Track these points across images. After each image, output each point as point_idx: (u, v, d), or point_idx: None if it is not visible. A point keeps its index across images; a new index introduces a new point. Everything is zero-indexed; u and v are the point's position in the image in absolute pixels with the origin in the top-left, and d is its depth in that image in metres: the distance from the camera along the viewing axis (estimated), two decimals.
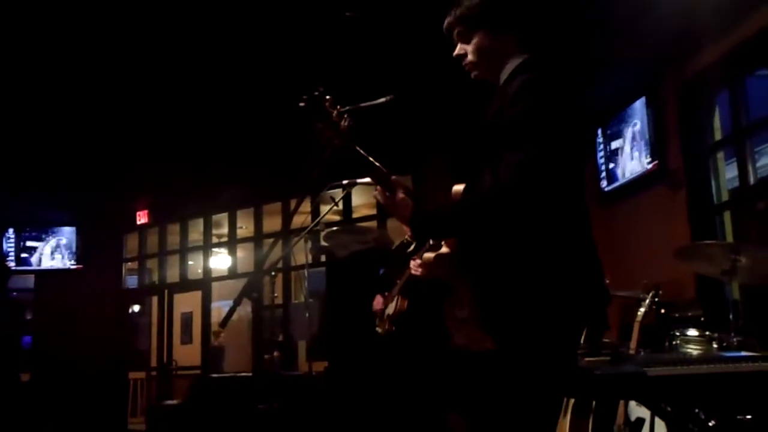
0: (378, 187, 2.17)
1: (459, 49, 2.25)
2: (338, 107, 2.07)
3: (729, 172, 5.33)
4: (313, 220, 7.10)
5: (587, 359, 1.95)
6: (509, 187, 1.87)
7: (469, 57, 2.22)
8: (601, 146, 6.31)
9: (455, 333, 2.19)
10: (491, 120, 2.08)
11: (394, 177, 2.17)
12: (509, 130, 1.95)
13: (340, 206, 8.39)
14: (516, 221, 1.93)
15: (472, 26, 2.19)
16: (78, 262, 10.91)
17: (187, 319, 11.20)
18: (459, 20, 2.22)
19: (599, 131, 6.31)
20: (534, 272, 1.95)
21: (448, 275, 2.27)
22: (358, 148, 2.09)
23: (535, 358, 1.93)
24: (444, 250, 2.31)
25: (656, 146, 5.54)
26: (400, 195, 2.12)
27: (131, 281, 11.79)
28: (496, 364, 1.97)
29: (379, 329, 4.32)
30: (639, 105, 5.76)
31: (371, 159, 2.11)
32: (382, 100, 2.30)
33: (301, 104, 2.03)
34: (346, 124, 2.07)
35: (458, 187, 2.24)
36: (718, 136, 5.33)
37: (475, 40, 2.20)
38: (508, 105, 2.01)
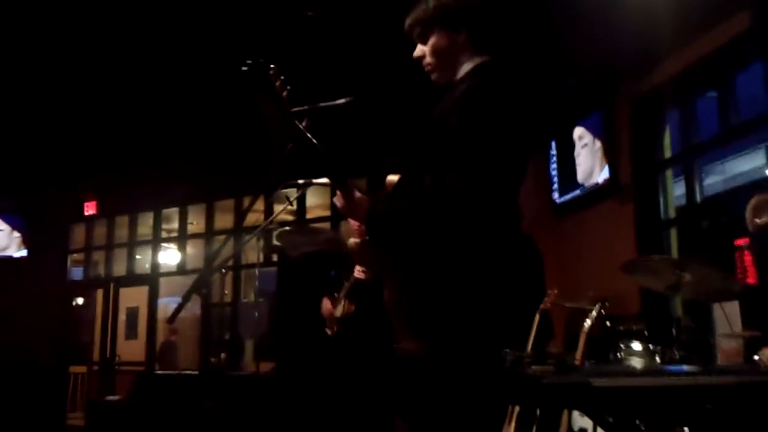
0: (337, 191, 2.12)
1: (418, 50, 2.26)
2: (282, 78, 1.99)
3: (677, 190, 5.44)
4: (266, 218, 7.03)
5: (533, 368, 1.97)
6: (459, 191, 1.90)
7: (427, 58, 2.23)
8: (554, 158, 6.36)
9: (401, 335, 2.17)
10: (436, 117, 2.10)
11: (349, 179, 2.14)
12: (453, 136, 1.97)
13: (295, 206, 8.34)
14: (461, 224, 1.95)
15: (428, 27, 2.21)
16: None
17: (132, 313, 10.99)
18: (417, 22, 2.23)
19: (553, 143, 6.37)
20: (467, 274, 1.96)
21: (379, 265, 2.23)
22: (297, 123, 2.03)
23: (465, 360, 1.94)
24: None
25: (608, 160, 5.60)
26: (357, 194, 2.09)
27: (76, 273, 11.54)
28: (432, 368, 1.98)
29: (328, 331, 4.33)
30: (594, 118, 5.83)
31: (310, 135, 2.03)
32: (342, 101, 2.29)
33: (244, 68, 1.97)
34: (287, 95, 1.99)
35: (392, 178, 2.23)
36: (668, 153, 5.44)
37: (431, 41, 2.21)
38: (451, 109, 2.03)
